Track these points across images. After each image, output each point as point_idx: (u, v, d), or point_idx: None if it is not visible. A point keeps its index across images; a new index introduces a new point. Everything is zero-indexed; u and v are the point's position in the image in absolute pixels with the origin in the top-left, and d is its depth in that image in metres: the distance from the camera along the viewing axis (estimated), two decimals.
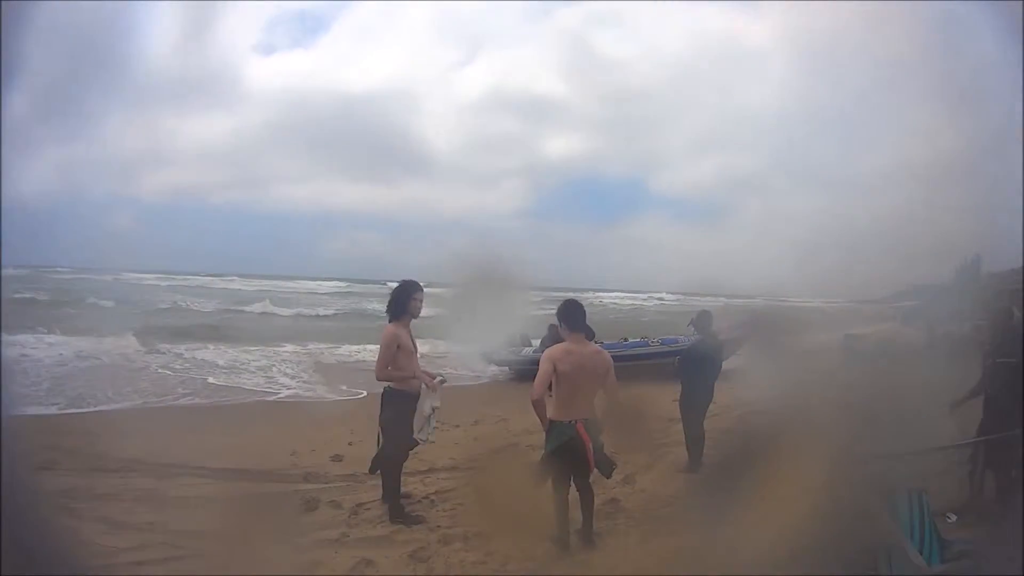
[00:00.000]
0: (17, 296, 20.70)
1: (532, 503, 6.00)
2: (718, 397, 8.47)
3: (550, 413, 5.87)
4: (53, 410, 10.55)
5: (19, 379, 12.63)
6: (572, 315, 6.03)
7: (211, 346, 18.24)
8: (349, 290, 37.59)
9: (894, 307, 15.82)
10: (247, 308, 27.23)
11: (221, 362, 16.54)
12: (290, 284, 37.72)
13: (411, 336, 6.71)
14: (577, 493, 6.08)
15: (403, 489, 6.90)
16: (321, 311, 28.92)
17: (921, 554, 4.07)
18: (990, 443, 6.36)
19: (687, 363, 8.66)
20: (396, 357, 6.51)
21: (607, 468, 6.10)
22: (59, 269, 29.19)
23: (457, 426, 9.70)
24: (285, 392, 13.70)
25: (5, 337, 15.69)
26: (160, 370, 15.31)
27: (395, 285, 6.84)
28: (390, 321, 6.68)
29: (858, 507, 4.04)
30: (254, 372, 15.86)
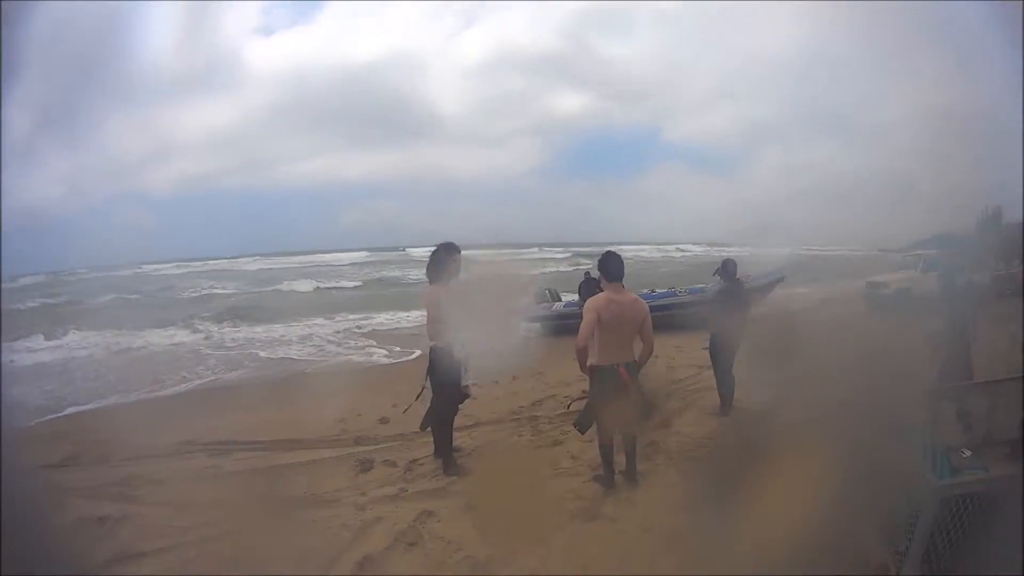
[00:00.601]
0: (44, 302, 21.01)
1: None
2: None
3: (593, 359, 6.16)
4: (102, 403, 10.70)
5: (79, 374, 13.10)
6: (611, 266, 6.31)
7: (250, 326, 18.58)
8: (370, 259, 37.75)
9: (914, 255, 15.92)
10: (273, 287, 27.43)
11: (264, 338, 16.96)
12: (310, 259, 37.84)
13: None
14: (621, 435, 6.39)
15: (454, 443, 7.18)
16: (345, 283, 29.14)
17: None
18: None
19: (715, 310, 8.83)
20: (444, 317, 6.71)
21: (646, 410, 6.45)
22: (77, 271, 29.50)
23: (496, 382, 9.87)
24: (336, 360, 14.07)
25: (40, 343, 16.15)
26: (208, 352, 15.83)
27: (432, 249, 7.01)
28: (431, 283, 6.91)
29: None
30: (298, 343, 16.25)
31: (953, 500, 3.81)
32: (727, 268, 8.81)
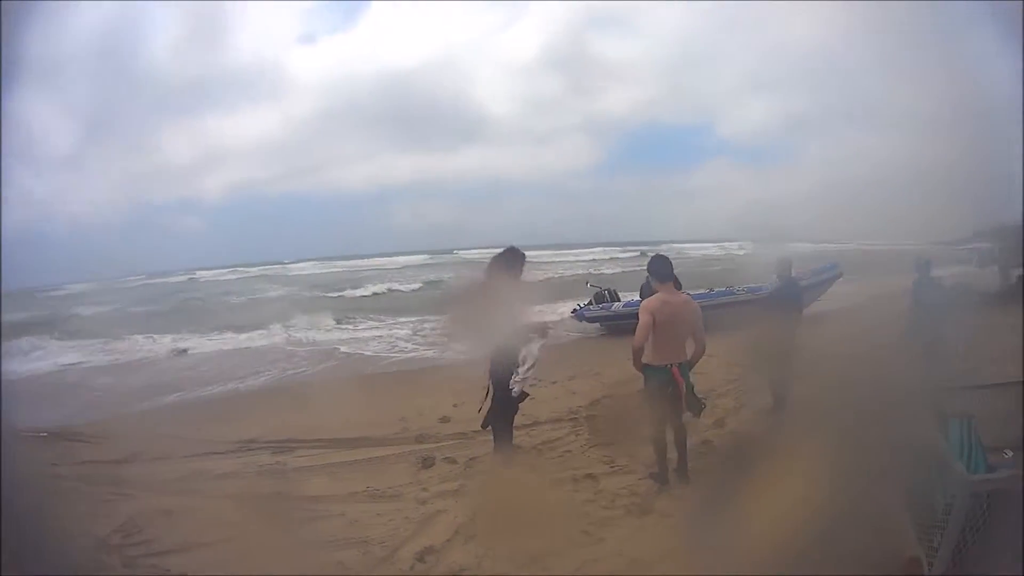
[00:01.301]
0: (97, 310, 21.50)
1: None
2: None
3: (646, 359, 6.36)
4: (165, 402, 11.03)
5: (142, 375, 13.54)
6: (661, 268, 6.53)
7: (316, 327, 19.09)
8: (428, 262, 38.02)
9: (969, 249, 15.65)
10: (334, 292, 27.75)
11: (334, 338, 17.49)
12: (363, 263, 38.21)
13: None
14: (673, 433, 6.58)
15: (513, 441, 7.37)
16: (402, 286, 29.44)
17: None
18: None
19: (769, 309, 8.90)
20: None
21: (697, 408, 6.59)
22: (128, 279, 30.06)
23: (554, 382, 9.99)
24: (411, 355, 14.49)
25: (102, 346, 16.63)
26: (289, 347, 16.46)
27: (499, 251, 7.15)
28: None
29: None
30: (374, 341, 16.72)
31: (985, 496, 3.85)
32: (782, 267, 8.89)
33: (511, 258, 7.04)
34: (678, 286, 7.99)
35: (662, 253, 6.94)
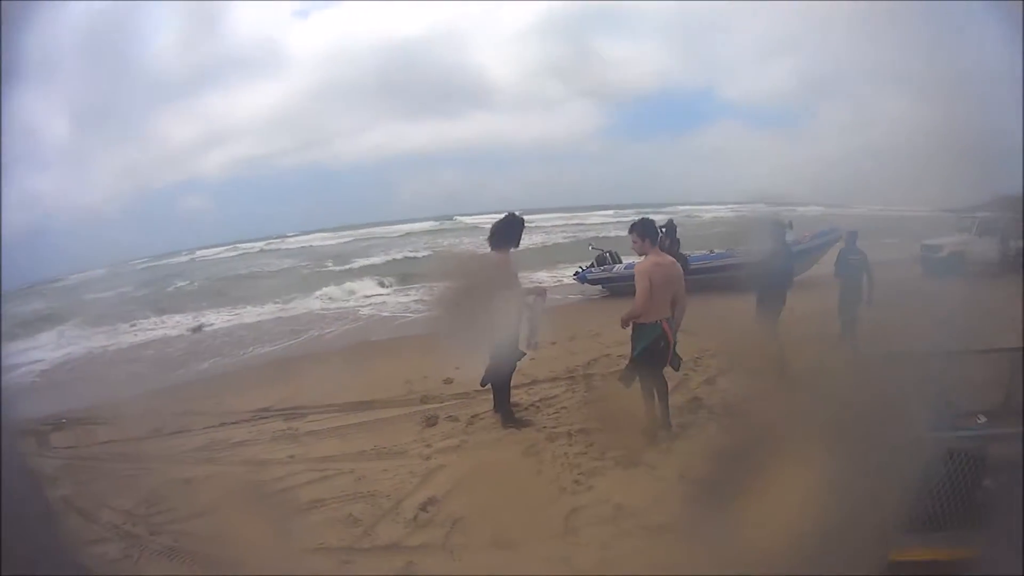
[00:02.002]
0: (99, 295, 21.76)
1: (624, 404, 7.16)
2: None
3: (634, 315, 6.84)
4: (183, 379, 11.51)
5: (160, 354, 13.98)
6: (650, 231, 6.96)
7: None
8: (439, 228, 38.13)
9: (970, 217, 15.81)
10: (343, 265, 27.95)
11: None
12: (373, 231, 38.25)
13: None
14: (657, 387, 7.09)
15: (512, 399, 7.84)
16: (412, 253, 29.69)
17: None
18: None
19: (760, 273, 9.26)
20: (508, 279, 7.34)
21: (677, 362, 7.11)
22: (134, 261, 30.14)
23: (554, 343, 10.34)
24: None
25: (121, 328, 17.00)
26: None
27: (500, 217, 7.61)
28: (494, 249, 7.47)
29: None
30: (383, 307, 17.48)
31: (957, 456, 4.11)
32: (775, 231, 9.21)
33: (510, 224, 7.46)
34: (677, 246, 8.65)
35: (647, 217, 7.29)
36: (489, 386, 7.76)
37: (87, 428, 8.85)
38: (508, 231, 7.41)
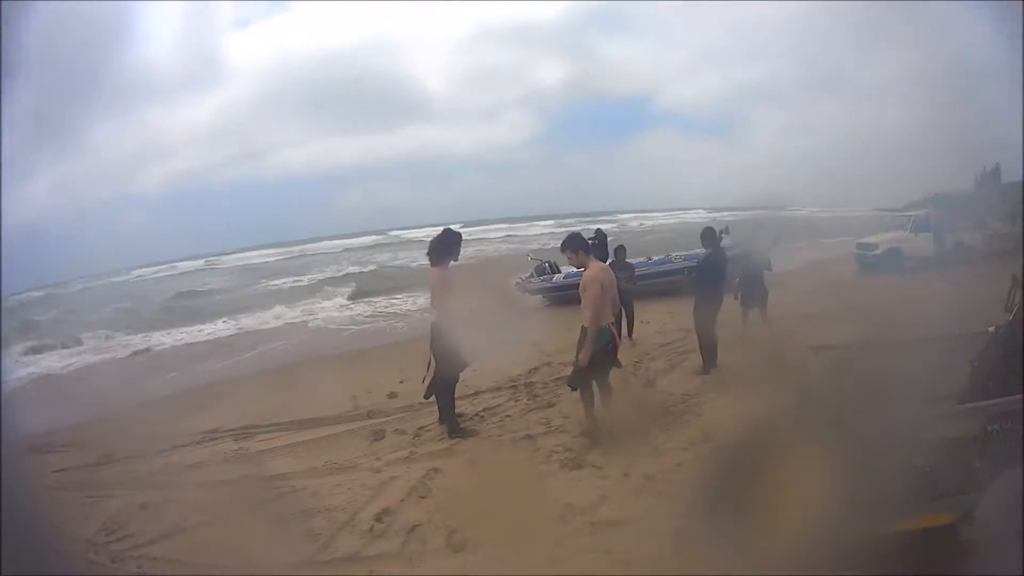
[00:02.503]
0: (37, 318, 21.42)
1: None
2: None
3: (591, 323, 7.24)
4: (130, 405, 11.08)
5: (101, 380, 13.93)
6: (581, 243, 7.50)
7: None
8: (380, 241, 38.15)
9: (904, 216, 16.68)
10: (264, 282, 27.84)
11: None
12: (312, 246, 38.10)
13: None
14: (601, 388, 7.58)
15: (456, 409, 8.22)
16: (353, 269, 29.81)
17: None
18: None
19: (698, 276, 9.82)
20: (447, 295, 7.69)
21: (618, 363, 7.87)
22: (71, 283, 29.57)
23: None
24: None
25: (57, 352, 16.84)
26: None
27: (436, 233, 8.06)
28: (434, 265, 7.88)
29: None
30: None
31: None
32: (707, 236, 9.88)
33: (448, 239, 7.85)
34: (623, 254, 9.50)
35: (576, 231, 7.96)
36: (433, 398, 8.13)
37: (39, 457, 8.79)
38: (446, 246, 7.80)
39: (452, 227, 8.08)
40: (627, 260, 11.35)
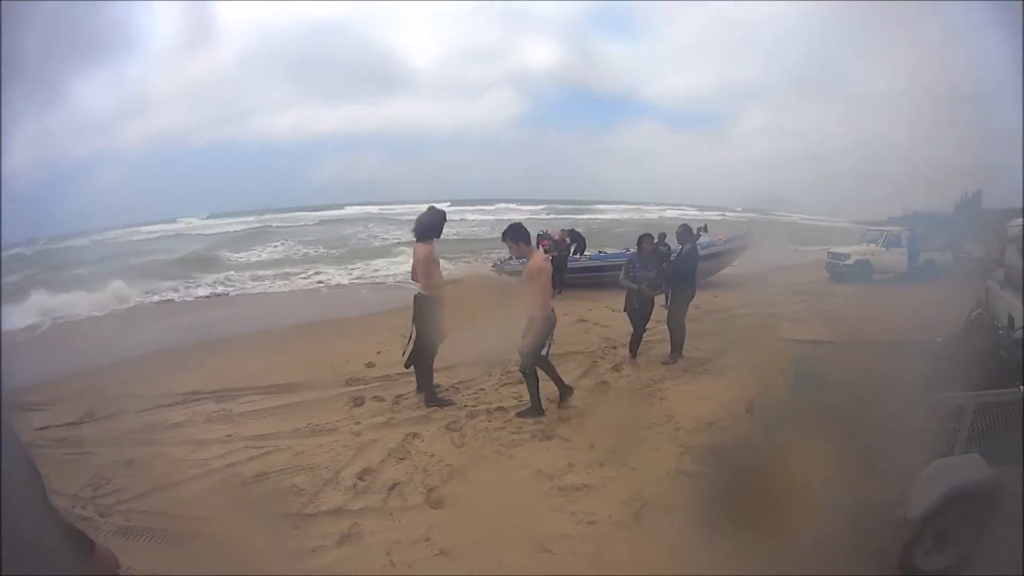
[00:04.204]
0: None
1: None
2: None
3: (541, 310, 7.87)
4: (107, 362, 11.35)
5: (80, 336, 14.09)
6: (522, 234, 8.02)
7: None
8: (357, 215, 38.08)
9: (878, 230, 17.35)
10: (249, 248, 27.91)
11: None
12: (289, 215, 37.93)
13: None
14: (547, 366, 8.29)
15: (434, 380, 8.74)
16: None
17: None
18: None
19: (673, 271, 10.32)
20: (432, 270, 8.21)
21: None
22: (42, 241, 29.14)
23: None
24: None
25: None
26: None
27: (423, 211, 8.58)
28: (419, 241, 8.36)
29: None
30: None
31: None
32: (684, 233, 10.47)
33: (434, 217, 8.32)
34: (583, 247, 10.33)
35: (519, 222, 8.39)
36: (412, 368, 8.63)
37: (21, 415, 8.96)
38: (432, 223, 8.27)
39: (436, 205, 8.56)
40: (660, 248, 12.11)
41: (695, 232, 10.45)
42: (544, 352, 8.05)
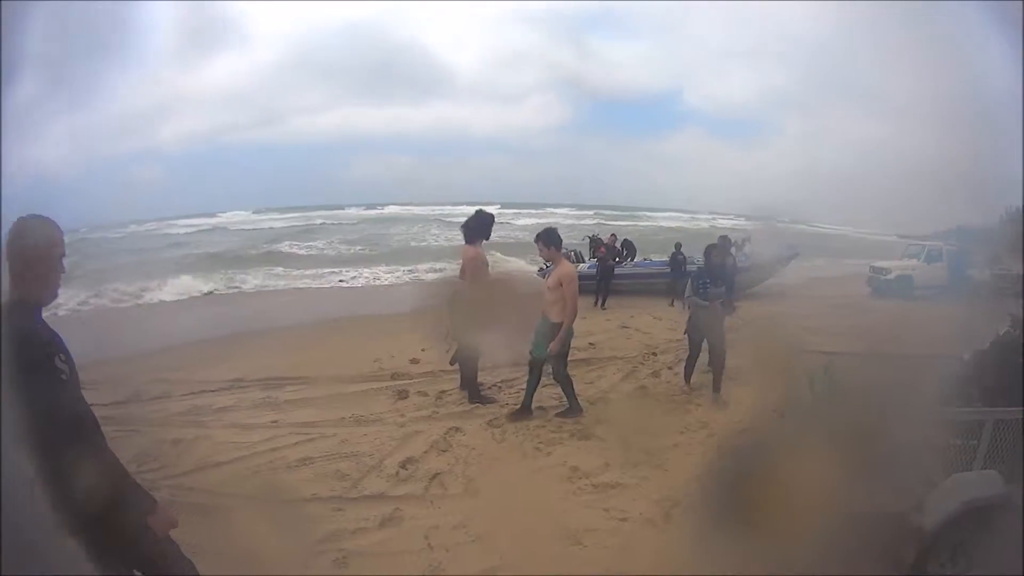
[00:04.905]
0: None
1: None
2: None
3: (569, 316, 8.00)
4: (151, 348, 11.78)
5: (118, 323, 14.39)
6: (555, 239, 8.13)
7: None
8: (395, 215, 38.19)
9: (920, 245, 17.25)
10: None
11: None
12: (327, 214, 38.15)
13: None
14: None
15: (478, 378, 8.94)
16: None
17: None
18: None
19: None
20: (480, 271, 8.41)
21: None
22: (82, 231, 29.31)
23: None
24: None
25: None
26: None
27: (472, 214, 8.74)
28: (469, 243, 8.57)
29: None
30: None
31: None
32: (722, 245, 10.44)
33: (482, 220, 8.51)
34: (633, 255, 10.41)
35: (552, 226, 8.54)
36: (457, 365, 8.86)
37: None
38: (481, 226, 8.45)
39: (485, 208, 8.81)
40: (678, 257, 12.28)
41: (739, 244, 10.52)
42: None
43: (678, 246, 14.43)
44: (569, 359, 8.58)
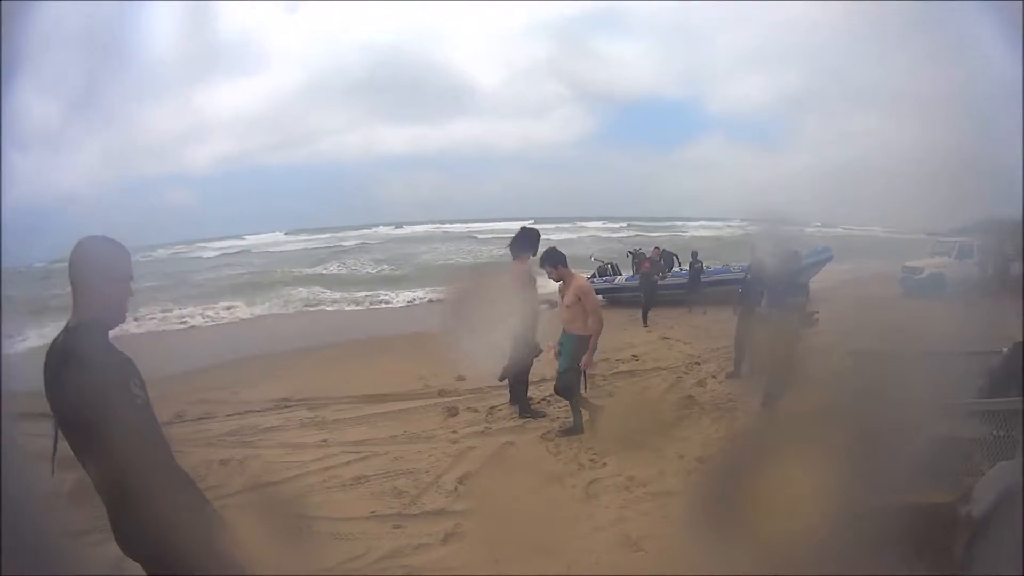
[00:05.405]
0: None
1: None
2: None
3: (594, 329, 8.00)
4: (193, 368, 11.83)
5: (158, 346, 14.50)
6: (560, 258, 8.09)
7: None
8: (425, 233, 38.33)
9: (950, 241, 16.97)
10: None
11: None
12: (355, 234, 38.32)
13: None
14: None
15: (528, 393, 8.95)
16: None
17: None
18: None
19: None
20: (526, 288, 8.38)
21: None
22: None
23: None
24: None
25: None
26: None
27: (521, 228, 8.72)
28: (515, 259, 8.50)
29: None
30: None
31: None
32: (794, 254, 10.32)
33: (528, 235, 8.50)
34: (671, 265, 10.35)
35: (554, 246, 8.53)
36: (506, 381, 8.83)
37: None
38: (527, 241, 8.43)
39: (528, 224, 8.88)
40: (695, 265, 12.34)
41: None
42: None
43: (694, 255, 14.42)
44: (613, 371, 8.54)
